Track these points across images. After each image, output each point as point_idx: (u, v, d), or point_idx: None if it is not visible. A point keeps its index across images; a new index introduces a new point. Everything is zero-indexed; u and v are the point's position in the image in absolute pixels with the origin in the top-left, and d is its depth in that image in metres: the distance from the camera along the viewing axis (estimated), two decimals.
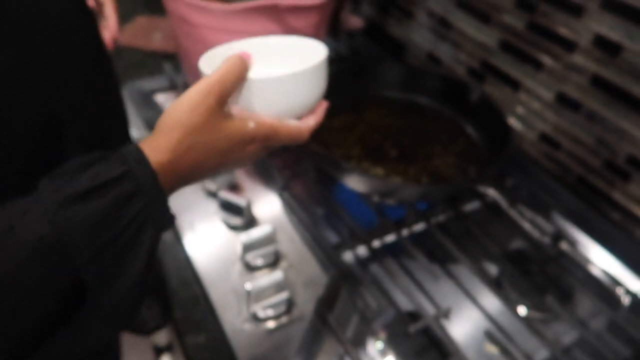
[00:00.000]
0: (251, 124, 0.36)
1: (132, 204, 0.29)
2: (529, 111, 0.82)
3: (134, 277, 0.29)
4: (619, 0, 0.64)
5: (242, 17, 0.63)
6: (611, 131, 0.70)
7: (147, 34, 1.00)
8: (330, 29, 1.00)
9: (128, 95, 0.83)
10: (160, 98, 0.84)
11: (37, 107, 0.34)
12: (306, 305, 0.58)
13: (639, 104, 0.66)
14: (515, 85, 0.83)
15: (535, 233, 0.63)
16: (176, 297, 0.58)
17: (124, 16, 1.09)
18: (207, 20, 0.64)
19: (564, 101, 0.76)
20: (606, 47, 0.68)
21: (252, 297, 0.55)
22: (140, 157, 0.30)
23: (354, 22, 1.15)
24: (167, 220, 0.32)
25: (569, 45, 0.72)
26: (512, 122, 0.85)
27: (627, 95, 0.67)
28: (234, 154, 0.35)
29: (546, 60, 0.76)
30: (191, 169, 0.33)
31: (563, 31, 0.73)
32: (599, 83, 0.70)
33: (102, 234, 0.27)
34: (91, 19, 0.43)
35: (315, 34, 0.73)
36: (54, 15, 0.36)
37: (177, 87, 0.84)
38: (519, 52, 0.80)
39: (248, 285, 0.55)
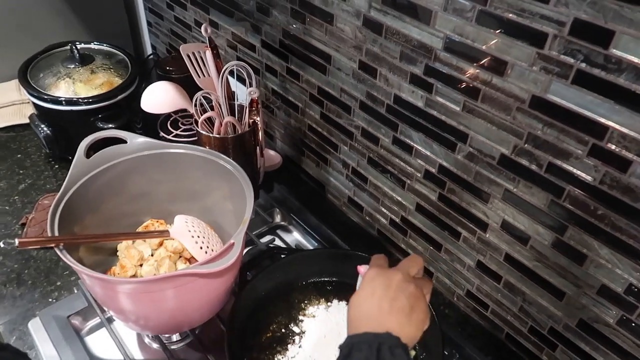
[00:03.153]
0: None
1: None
2: (453, 270, 0.84)
3: None
4: (517, 195, 0.67)
5: (160, 284, 0.61)
6: (532, 304, 0.73)
7: None
8: (249, 172, 0.98)
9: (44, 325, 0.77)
10: (76, 320, 0.79)
11: None
12: None
13: (552, 287, 0.69)
14: (436, 245, 0.85)
15: None
16: None
17: (26, 193, 1.02)
18: (123, 289, 0.62)
19: (484, 269, 0.78)
20: (514, 233, 0.71)
21: None
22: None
23: (272, 157, 1.14)
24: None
25: (481, 224, 0.75)
26: (439, 276, 0.87)
27: (540, 277, 0.70)
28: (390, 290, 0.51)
29: (462, 231, 0.79)
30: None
31: (474, 211, 0.75)
32: (512, 262, 0.73)
33: None
34: None
35: (234, 276, 0.72)
36: None
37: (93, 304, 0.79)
38: (436, 219, 0.82)
39: None
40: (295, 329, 0.76)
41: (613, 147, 0.55)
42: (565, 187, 0.61)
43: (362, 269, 0.58)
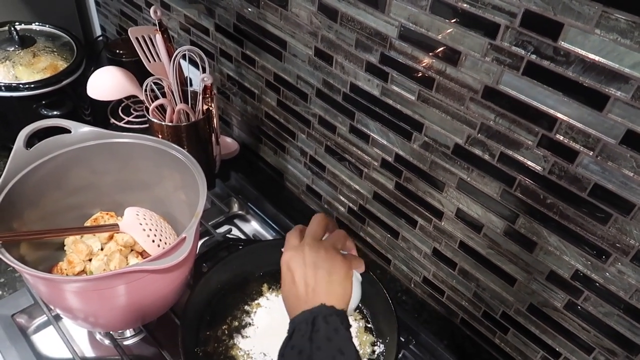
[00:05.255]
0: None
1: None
2: (410, 257, 0.85)
3: None
4: (471, 184, 0.68)
5: (109, 281, 0.59)
6: (485, 290, 0.75)
7: None
8: (204, 161, 0.95)
9: None
10: (21, 319, 0.76)
11: None
12: None
13: (504, 274, 0.71)
14: (394, 232, 0.85)
15: None
16: None
17: None
18: (70, 288, 0.59)
19: (439, 256, 0.79)
20: (468, 222, 0.72)
21: None
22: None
23: (229, 144, 1.11)
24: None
25: (437, 212, 0.75)
26: (397, 263, 0.88)
27: (492, 264, 0.72)
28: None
29: (419, 219, 0.79)
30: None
31: (429, 199, 0.75)
32: (466, 249, 0.74)
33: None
34: None
35: (188, 270, 0.70)
36: None
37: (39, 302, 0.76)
38: (393, 207, 0.82)
39: None
40: (252, 321, 0.75)
41: (561, 138, 0.56)
42: (516, 176, 0.62)
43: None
